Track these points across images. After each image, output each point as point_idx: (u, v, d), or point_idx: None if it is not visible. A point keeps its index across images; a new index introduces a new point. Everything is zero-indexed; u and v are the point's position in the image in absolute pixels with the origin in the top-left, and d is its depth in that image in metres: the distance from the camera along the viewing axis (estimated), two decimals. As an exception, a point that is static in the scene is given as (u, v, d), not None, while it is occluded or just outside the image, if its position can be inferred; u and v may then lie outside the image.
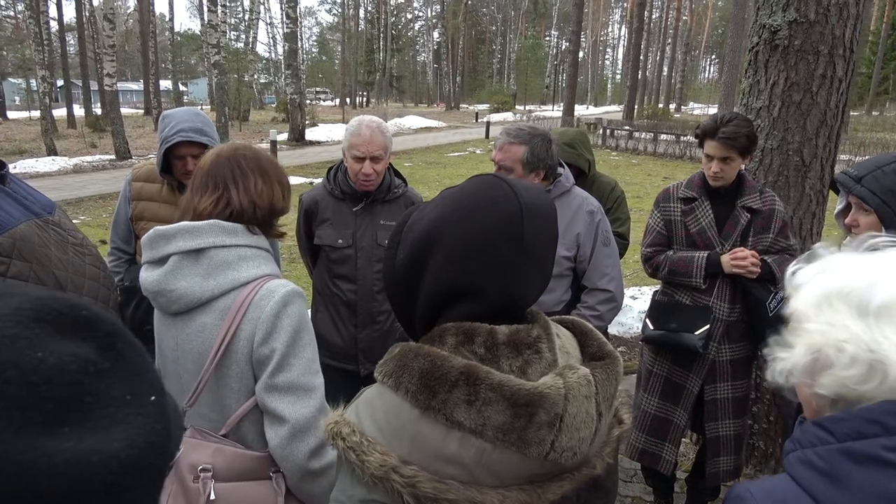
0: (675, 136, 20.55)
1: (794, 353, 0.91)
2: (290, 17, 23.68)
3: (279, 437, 1.48)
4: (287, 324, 1.50)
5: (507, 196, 0.97)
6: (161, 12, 66.23)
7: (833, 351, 0.86)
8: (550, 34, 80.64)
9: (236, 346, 1.49)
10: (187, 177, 2.46)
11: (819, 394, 0.89)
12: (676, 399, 2.84)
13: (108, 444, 0.40)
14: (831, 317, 0.88)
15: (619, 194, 3.49)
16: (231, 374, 1.52)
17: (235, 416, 1.53)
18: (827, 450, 0.82)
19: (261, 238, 1.62)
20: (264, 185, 1.60)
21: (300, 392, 1.49)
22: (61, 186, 12.69)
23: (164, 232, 1.53)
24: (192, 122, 2.42)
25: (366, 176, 2.57)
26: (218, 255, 1.51)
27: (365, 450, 0.89)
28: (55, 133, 20.76)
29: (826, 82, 3.12)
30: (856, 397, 0.85)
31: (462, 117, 42.91)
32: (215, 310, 1.51)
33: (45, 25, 28.03)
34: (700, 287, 2.73)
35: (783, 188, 3.23)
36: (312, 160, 17.36)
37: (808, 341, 0.89)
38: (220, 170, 1.58)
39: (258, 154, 1.66)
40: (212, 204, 1.55)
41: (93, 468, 0.38)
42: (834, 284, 0.90)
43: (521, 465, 0.89)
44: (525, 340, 0.95)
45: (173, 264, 1.51)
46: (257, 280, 1.53)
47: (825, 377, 0.87)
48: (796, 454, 0.86)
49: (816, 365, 0.89)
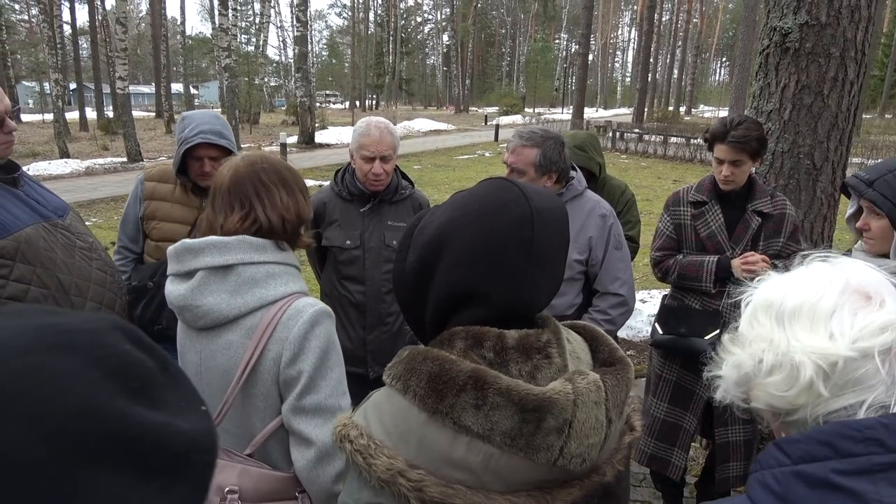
0: (685, 139, 20.44)
1: (725, 372, 0.94)
2: (300, 21, 23.80)
3: (306, 459, 1.46)
4: (315, 345, 1.47)
5: (517, 199, 0.97)
6: (172, 16, 66.63)
7: (754, 362, 0.89)
8: (560, 37, 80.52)
9: (263, 366, 1.47)
10: (202, 178, 2.47)
11: (758, 408, 0.91)
12: (686, 404, 2.83)
13: (179, 423, 0.47)
14: (758, 331, 0.91)
15: (629, 197, 3.48)
16: (257, 394, 1.50)
17: (261, 436, 1.51)
18: (782, 472, 0.82)
19: (289, 254, 1.59)
20: (289, 197, 1.57)
21: (327, 414, 1.47)
22: (74, 189, 12.79)
23: (191, 246, 1.50)
24: (211, 124, 2.42)
25: (376, 176, 2.58)
26: (246, 272, 1.49)
27: (372, 453, 0.89)
28: (68, 136, 20.93)
29: (837, 85, 3.10)
30: (788, 406, 0.86)
31: (471, 120, 42.92)
32: (242, 328, 1.48)
33: (59, 29, 28.30)
34: (710, 291, 2.72)
35: (794, 192, 3.21)
36: (322, 163, 17.41)
37: (733, 360, 0.93)
38: (242, 186, 1.54)
39: (275, 164, 1.61)
40: (239, 222, 1.52)
41: (169, 437, 0.45)
42: (758, 299, 0.94)
43: (529, 470, 0.88)
44: (535, 345, 0.95)
45: (200, 280, 1.48)
46: (285, 298, 1.50)
47: (754, 390, 0.90)
48: (756, 475, 0.85)
49: (744, 379, 0.92)
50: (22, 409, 0.39)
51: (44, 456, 0.39)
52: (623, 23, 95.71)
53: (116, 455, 0.41)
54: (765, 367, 0.87)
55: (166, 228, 2.53)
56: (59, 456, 0.39)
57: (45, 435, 0.39)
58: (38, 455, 0.38)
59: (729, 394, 0.95)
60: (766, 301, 0.92)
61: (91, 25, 37.02)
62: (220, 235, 1.52)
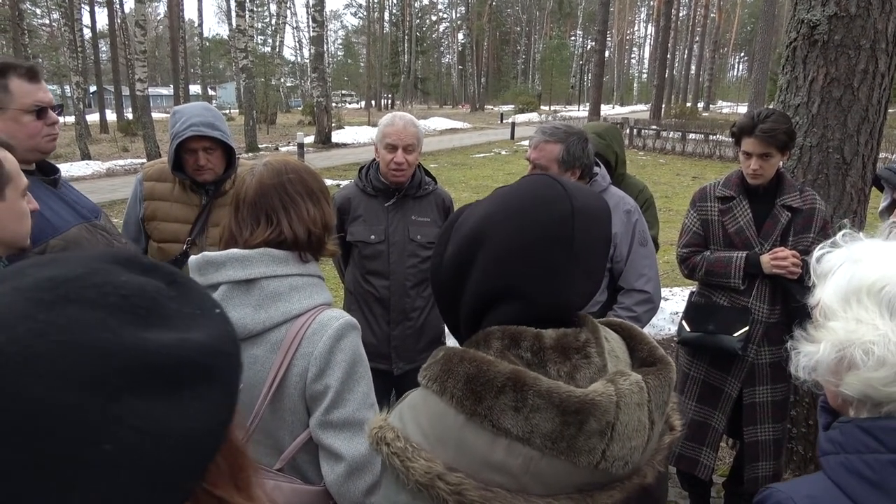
0: (703, 136, 20.24)
1: (819, 350, 0.88)
2: (316, 21, 23.88)
3: (336, 473, 1.45)
4: (341, 359, 1.45)
5: (559, 197, 0.95)
6: (190, 18, 67.42)
7: (859, 352, 0.83)
8: (576, 34, 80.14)
9: (289, 381, 1.46)
10: (199, 173, 2.44)
11: (844, 392, 0.86)
12: (714, 403, 2.79)
13: (193, 336, 0.49)
14: (859, 314, 0.84)
15: (647, 197, 3.41)
16: (285, 409, 1.48)
17: (290, 451, 1.50)
18: (877, 459, 0.79)
19: (311, 265, 1.56)
20: (315, 208, 1.54)
21: (356, 428, 1.45)
22: (95, 190, 12.94)
23: (213, 259, 1.48)
24: (202, 116, 2.39)
25: (398, 165, 2.59)
26: (269, 286, 1.46)
27: (410, 456, 0.87)
28: (89, 138, 21.23)
29: (868, 77, 3.04)
30: (883, 398, 0.82)
31: (487, 118, 42.85)
32: (267, 342, 1.46)
33: (79, 33, 28.70)
34: (739, 288, 2.67)
35: (823, 186, 3.15)
36: (339, 162, 17.47)
37: (833, 339, 0.86)
38: (269, 199, 1.51)
39: (301, 172, 1.57)
40: (265, 236, 1.50)
41: (186, 351, 0.47)
42: (864, 278, 0.86)
43: (570, 473, 0.86)
44: (573, 345, 0.92)
45: (223, 294, 1.47)
46: (310, 312, 1.48)
47: (850, 377, 0.85)
48: (839, 458, 0.83)
49: (842, 364, 0.86)
50: (39, 370, 0.41)
51: (75, 401, 0.41)
52: (640, 18, 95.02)
53: (141, 383, 0.44)
54: (873, 360, 0.83)
55: (167, 228, 2.51)
56: (89, 400, 0.42)
57: (68, 385, 0.41)
58: (70, 401, 0.41)
59: (817, 374, 0.90)
60: (874, 284, 0.85)
61: (110, 28, 37.51)
62: (243, 248, 1.50)
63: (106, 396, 0.42)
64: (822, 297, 0.91)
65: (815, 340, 0.89)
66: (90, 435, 0.42)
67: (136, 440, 0.43)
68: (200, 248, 2.44)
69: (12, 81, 1.82)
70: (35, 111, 1.87)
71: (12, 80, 1.81)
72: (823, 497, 0.83)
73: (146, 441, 0.43)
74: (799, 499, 0.85)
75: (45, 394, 0.41)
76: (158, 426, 0.44)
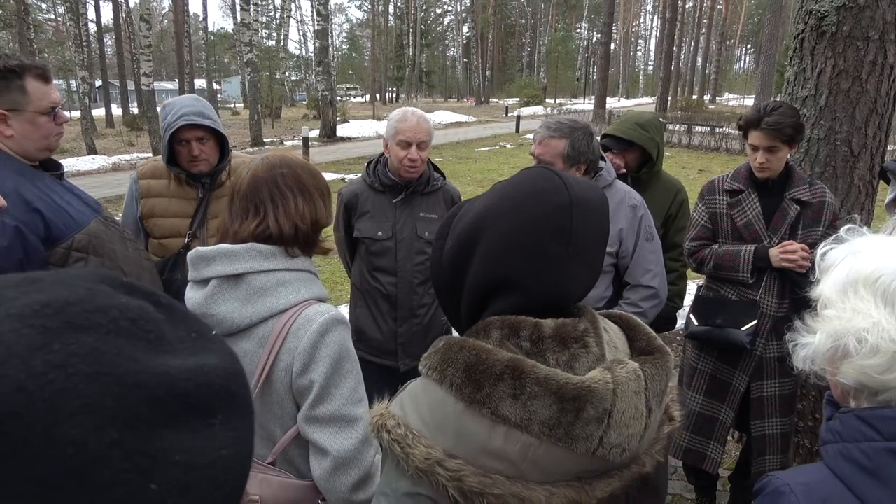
0: (710, 128, 20.15)
1: (816, 340, 0.90)
2: (320, 15, 23.86)
3: (322, 468, 1.46)
4: (325, 353, 1.45)
5: (557, 189, 0.96)
6: (195, 12, 67.35)
7: (853, 340, 0.85)
8: (581, 26, 79.74)
9: (275, 376, 1.47)
10: (194, 164, 2.44)
11: (842, 381, 0.88)
12: (722, 396, 2.78)
13: (208, 360, 0.46)
14: (855, 304, 0.86)
15: (683, 198, 3.22)
16: (273, 403, 1.50)
17: (281, 444, 1.52)
18: (872, 447, 0.81)
19: (300, 260, 1.56)
20: (306, 204, 1.54)
21: (342, 423, 1.46)
22: (102, 184, 13.00)
23: (204, 254, 1.50)
24: (193, 106, 2.40)
25: (412, 162, 2.58)
26: (256, 281, 1.48)
27: (410, 443, 0.89)
28: (94, 132, 21.27)
29: (876, 69, 3.02)
30: (879, 386, 0.84)
31: (492, 112, 42.75)
32: (255, 337, 1.48)
33: (85, 27, 28.72)
34: (747, 282, 2.66)
35: (831, 179, 3.13)
36: (344, 156, 17.48)
37: (829, 329, 0.88)
38: (259, 191, 1.52)
39: (295, 167, 1.57)
40: (253, 228, 1.51)
41: (208, 377, 0.45)
42: (861, 269, 0.88)
43: (568, 460, 0.87)
44: (572, 334, 0.94)
45: (213, 288, 1.49)
46: (296, 307, 1.48)
47: (845, 365, 0.86)
48: (837, 447, 0.84)
49: (836, 353, 0.87)
50: (68, 408, 0.37)
51: (115, 440, 0.38)
52: (645, 10, 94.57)
53: (175, 414, 0.42)
54: (866, 348, 0.84)
55: (166, 224, 2.51)
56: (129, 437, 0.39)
57: (104, 422, 0.38)
58: (109, 440, 0.38)
59: (815, 364, 0.92)
60: (871, 275, 0.87)
61: (115, 23, 37.58)
62: (234, 241, 1.51)
63: (145, 432, 0.39)
64: (822, 289, 0.93)
65: (813, 331, 0.91)
66: (136, 477, 0.38)
67: (180, 475, 0.40)
68: (202, 241, 2.45)
69: (29, 83, 1.80)
70: (50, 112, 1.87)
71: (29, 81, 1.80)
72: (819, 484, 0.85)
73: (190, 475, 0.41)
74: (795, 485, 0.87)
75: (81, 435, 0.37)
76: (200, 458, 0.42)
